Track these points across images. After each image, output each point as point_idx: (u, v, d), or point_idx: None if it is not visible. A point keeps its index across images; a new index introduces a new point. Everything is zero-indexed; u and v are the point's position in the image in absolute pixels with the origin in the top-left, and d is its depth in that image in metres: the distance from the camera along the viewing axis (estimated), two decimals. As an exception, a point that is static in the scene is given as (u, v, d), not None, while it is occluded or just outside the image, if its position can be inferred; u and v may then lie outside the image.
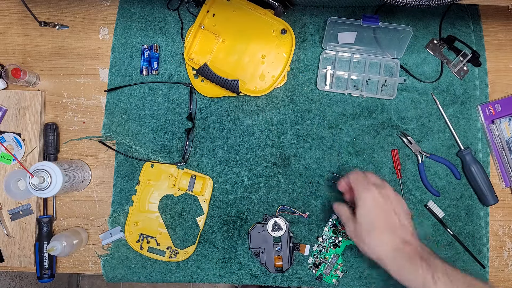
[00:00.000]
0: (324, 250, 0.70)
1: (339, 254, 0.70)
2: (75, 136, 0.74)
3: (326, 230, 0.70)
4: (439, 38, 0.74)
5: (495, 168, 0.72)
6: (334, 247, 0.70)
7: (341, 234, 0.70)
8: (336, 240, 0.70)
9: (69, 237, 0.67)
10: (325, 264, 0.69)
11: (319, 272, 0.69)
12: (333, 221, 0.70)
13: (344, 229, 0.66)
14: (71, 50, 0.75)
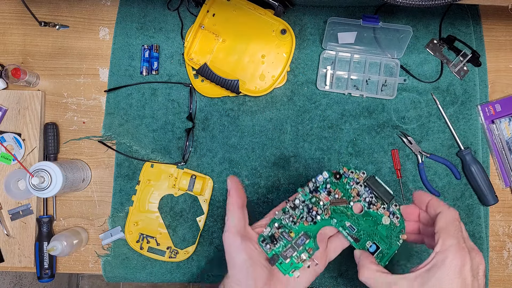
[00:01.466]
0: (291, 222, 0.47)
1: (312, 234, 0.47)
2: (75, 136, 0.74)
3: (303, 194, 0.48)
4: (439, 38, 0.74)
5: (495, 168, 0.72)
6: (307, 222, 0.47)
7: (322, 207, 0.48)
8: (314, 213, 0.47)
9: (69, 237, 0.67)
10: (287, 242, 0.47)
11: (274, 251, 0.46)
12: (318, 184, 0.48)
13: (337, 203, 0.48)
14: (71, 50, 0.75)
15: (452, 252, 0.39)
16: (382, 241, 0.47)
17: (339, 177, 0.49)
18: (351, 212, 0.48)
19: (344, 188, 0.49)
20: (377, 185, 0.48)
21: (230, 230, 0.45)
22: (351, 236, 0.48)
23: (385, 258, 0.47)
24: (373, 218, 0.48)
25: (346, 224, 0.48)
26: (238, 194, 0.46)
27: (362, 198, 0.48)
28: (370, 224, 0.48)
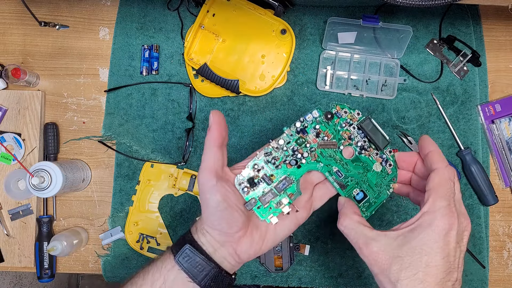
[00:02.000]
0: (272, 165, 0.43)
1: (295, 179, 0.44)
2: (75, 136, 0.74)
3: (288, 134, 0.44)
4: (439, 38, 0.74)
5: (495, 168, 0.72)
6: (291, 165, 0.43)
7: (309, 149, 0.44)
8: (299, 155, 0.44)
9: (69, 237, 0.67)
10: (267, 186, 0.43)
11: (252, 196, 0.43)
12: (307, 123, 0.44)
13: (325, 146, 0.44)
14: (71, 50, 0.75)
15: (440, 215, 0.37)
16: (371, 189, 0.44)
17: (330, 117, 0.44)
18: (340, 156, 0.44)
19: (334, 130, 0.44)
20: (372, 129, 0.44)
21: (205, 169, 0.41)
22: (337, 182, 0.44)
23: (372, 208, 0.44)
24: (364, 164, 0.44)
25: (334, 169, 0.44)
26: (219, 131, 0.42)
27: (354, 142, 0.44)
28: (359, 170, 0.44)
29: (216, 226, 0.41)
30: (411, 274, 0.36)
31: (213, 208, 0.40)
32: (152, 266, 0.43)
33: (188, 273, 0.41)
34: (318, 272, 0.71)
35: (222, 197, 0.40)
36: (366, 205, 0.44)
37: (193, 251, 0.41)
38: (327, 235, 0.71)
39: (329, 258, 0.71)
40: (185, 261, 0.41)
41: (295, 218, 0.45)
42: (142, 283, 0.42)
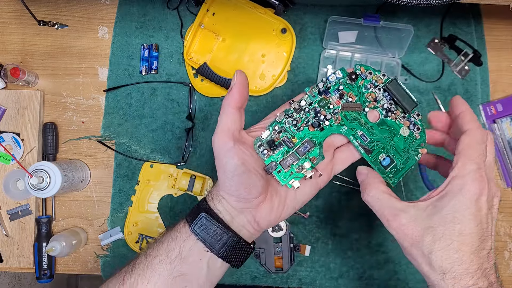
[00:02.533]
0: (294, 127, 0.41)
1: (317, 142, 0.41)
2: (74, 136, 0.73)
3: (310, 95, 0.42)
4: (440, 38, 0.73)
5: (497, 168, 0.72)
6: (313, 127, 0.41)
7: (332, 111, 0.41)
8: (321, 117, 0.41)
9: (68, 238, 0.67)
10: (288, 149, 0.41)
11: (273, 159, 0.40)
12: (330, 84, 0.42)
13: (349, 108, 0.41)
14: (70, 50, 0.74)
15: (470, 179, 0.35)
16: (398, 154, 0.41)
17: (354, 78, 0.41)
18: (365, 119, 0.41)
19: (359, 92, 0.42)
20: (399, 90, 0.41)
21: (222, 131, 0.38)
22: (362, 147, 0.42)
23: (399, 174, 0.41)
24: (390, 128, 0.42)
25: (358, 133, 0.41)
26: (242, 92, 0.39)
27: (380, 105, 0.41)
28: (385, 134, 0.41)
29: (234, 192, 0.39)
30: (445, 245, 0.34)
31: (231, 173, 0.38)
32: (166, 236, 0.41)
33: (205, 242, 0.39)
34: (319, 273, 0.70)
35: (240, 160, 0.38)
36: (393, 171, 0.41)
37: (209, 219, 0.39)
38: (327, 236, 0.71)
39: (329, 259, 0.70)
40: (201, 230, 0.39)
41: (315, 183, 0.42)
42: (157, 253, 0.40)
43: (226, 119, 0.38)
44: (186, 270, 0.39)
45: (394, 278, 0.70)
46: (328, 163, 0.42)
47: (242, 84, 0.39)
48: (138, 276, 0.40)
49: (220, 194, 0.40)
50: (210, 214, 0.40)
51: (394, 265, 0.69)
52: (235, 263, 0.41)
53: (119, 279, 0.42)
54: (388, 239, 0.70)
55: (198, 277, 0.40)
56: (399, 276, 0.70)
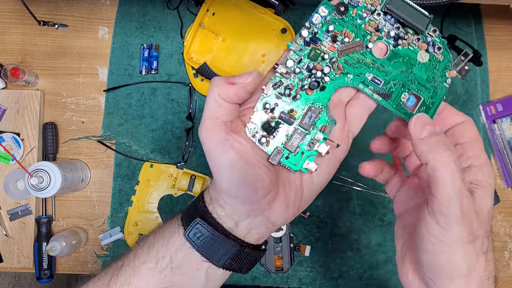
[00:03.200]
0: (287, 96, 0.32)
1: (322, 106, 0.33)
2: (74, 136, 0.73)
3: (296, 49, 0.32)
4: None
5: (497, 168, 0.72)
6: (311, 90, 0.32)
7: (329, 61, 0.32)
8: (318, 74, 0.32)
9: (68, 238, 0.67)
10: (289, 125, 0.32)
11: (275, 146, 0.32)
12: (316, 28, 0.33)
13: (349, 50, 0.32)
14: (70, 50, 0.74)
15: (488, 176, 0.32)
16: (423, 87, 0.33)
17: (344, 11, 0.32)
18: (372, 57, 0.33)
19: (354, 25, 0.33)
20: (404, 8, 0.32)
21: (208, 119, 0.30)
22: (378, 93, 0.33)
23: (432, 110, 0.33)
24: (404, 58, 0.33)
25: (368, 77, 0.33)
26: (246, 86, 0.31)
27: (384, 33, 0.33)
28: (401, 68, 0.33)
29: (236, 193, 0.31)
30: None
31: (227, 171, 0.30)
32: (158, 238, 0.35)
33: (201, 252, 0.33)
34: (319, 273, 0.70)
35: (237, 153, 0.30)
36: (423, 110, 0.33)
37: (205, 227, 0.32)
38: (327, 236, 0.71)
39: (329, 259, 0.70)
40: (197, 237, 0.33)
41: (334, 157, 0.34)
42: (146, 259, 0.35)
43: (213, 106, 0.30)
44: (178, 280, 0.34)
45: (394, 278, 0.70)
46: (342, 127, 0.34)
47: (252, 84, 0.31)
48: (124, 283, 0.35)
49: (221, 198, 0.33)
50: (207, 220, 0.33)
51: (394, 265, 0.69)
52: (240, 270, 0.35)
53: (104, 282, 0.36)
54: (388, 239, 0.70)
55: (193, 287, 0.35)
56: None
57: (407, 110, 0.33)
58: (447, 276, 0.29)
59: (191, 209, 0.35)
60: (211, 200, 0.34)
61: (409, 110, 0.33)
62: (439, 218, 0.28)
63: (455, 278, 0.29)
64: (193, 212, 0.34)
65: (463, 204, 0.27)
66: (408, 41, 0.33)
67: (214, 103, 0.30)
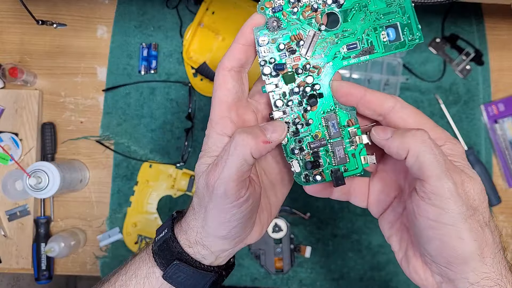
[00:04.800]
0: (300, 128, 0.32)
1: (332, 106, 0.32)
2: (72, 136, 0.73)
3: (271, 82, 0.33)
4: (442, 37, 0.73)
5: (499, 169, 0.72)
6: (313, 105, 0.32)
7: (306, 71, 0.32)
8: (307, 89, 0.32)
9: (66, 238, 0.67)
10: (325, 147, 0.32)
11: (327, 169, 0.32)
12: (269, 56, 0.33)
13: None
14: (68, 49, 0.74)
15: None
16: (390, 14, 0.31)
17: (277, 21, 0.32)
18: (331, 33, 0.31)
19: (295, 24, 0.31)
20: None
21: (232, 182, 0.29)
22: (361, 54, 0.31)
23: (414, 24, 0.31)
24: (355, 6, 0.31)
25: (342, 50, 0.31)
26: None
27: (323, 5, 0.31)
28: (360, 17, 0.31)
29: (230, 236, 0.32)
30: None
31: (234, 223, 0.31)
32: (131, 279, 0.34)
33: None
34: (319, 274, 0.70)
35: (252, 204, 0.31)
36: (406, 31, 0.31)
37: (185, 267, 0.33)
38: (328, 237, 0.70)
39: (330, 260, 0.70)
40: (176, 277, 0.33)
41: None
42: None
43: (243, 166, 0.29)
44: None
45: (395, 279, 0.69)
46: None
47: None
48: None
49: (208, 241, 0.33)
50: (186, 261, 0.33)
51: (395, 266, 0.69)
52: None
53: None
54: (389, 240, 0.70)
55: None
56: (400, 278, 0.69)
57: (396, 43, 0.31)
58: (461, 258, 0.28)
59: (163, 249, 0.34)
60: (192, 243, 0.33)
61: (398, 42, 0.31)
62: (434, 200, 0.27)
63: (470, 260, 0.28)
64: (168, 253, 0.34)
65: (453, 178, 0.27)
66: None
67: (244, 164, 0.29)
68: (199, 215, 0.32)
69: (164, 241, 0.34)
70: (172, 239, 0.34)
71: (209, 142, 0.32)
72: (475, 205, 0.28)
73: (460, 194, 0.27)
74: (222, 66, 0.32)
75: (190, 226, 0.33)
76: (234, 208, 0.30)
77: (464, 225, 0.27)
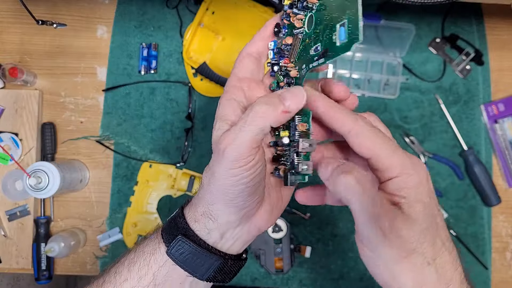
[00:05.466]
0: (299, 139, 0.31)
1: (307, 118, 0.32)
2: (72, 136, 0.73)
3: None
4: (442, 37, 0.73)
5: (498, 169, 0.72)
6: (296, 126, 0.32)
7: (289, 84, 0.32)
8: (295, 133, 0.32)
9: (66, 238, 0.67)
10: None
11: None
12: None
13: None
14: (68, 49, 0.74)
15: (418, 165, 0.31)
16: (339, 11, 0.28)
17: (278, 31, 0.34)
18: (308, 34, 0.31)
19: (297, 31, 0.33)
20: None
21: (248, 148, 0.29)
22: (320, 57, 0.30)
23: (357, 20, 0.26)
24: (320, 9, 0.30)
25: (311, 52, 0.31)
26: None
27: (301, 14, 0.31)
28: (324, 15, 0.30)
29: (238, 201, 0.32)
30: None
31: (243, 185, 0.30)
32: (139, 255, 0.35)
33: (185, 268, 0.33)
34: (319, 274, 0.70)
35: (259, 170, 0.31)
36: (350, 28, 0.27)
37: (188, 243, 0.33)
38: (328, 237, 0.70)
39: (330, 260, 0.70)
40: (179, 254, 0.33)
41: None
42: (128, 275, 0.34)
43: (259, 134, 0.29)
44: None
45: (395, 279, 0.69)
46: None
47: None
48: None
49: (216, 208, 0.33)
50: (189, 237, 0.33)
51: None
52: (223, 281, 0.35)
53: None
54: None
55: None
56: (400, 277, 0.69)
57: (345, 41, 0.27)
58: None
59: (171, 226, 0.35)
60: (201, 215, 0.34)
61: (347, 41, 0.27)
62: (367, 244, 0.29)
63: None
64: (174, 229, 0.34)
65: (381, 225, 0.28)
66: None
67: (260, 133, 0.29)
68: (207, 184, 0.33)
69: (173, 219, 0.35)
70: (180, 216, 0.35)
71: (220, 109, 0.33)
72: (411, 247, 0.28)
73: (390, 239, 0.28)
74: (242, 52, 0.34)
75: (199, 197, 0.34)
76: (243, 171, 0.30)
77: (397, 266, 0.28)
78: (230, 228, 0.34)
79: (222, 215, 0.33)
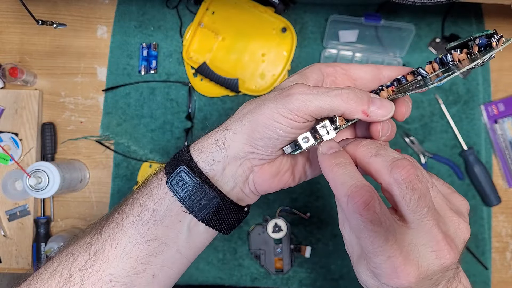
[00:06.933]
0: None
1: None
2: (72, 136, 0.73)
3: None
4: (442, 37, 0.73)
5: (498, 169, 0.72)
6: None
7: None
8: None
9: (66, 239, 0.67)
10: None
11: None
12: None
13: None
14: (68, 49, 0.74)
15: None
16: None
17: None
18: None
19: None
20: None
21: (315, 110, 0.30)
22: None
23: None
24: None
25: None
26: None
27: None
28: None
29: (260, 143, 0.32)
30: None
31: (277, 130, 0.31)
32: (142, 191, 0.35)
33: (182, 201, 0.33)
34: (319, 274, 0.70)
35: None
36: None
37: (189, 175, 0.32)
38: (328, 237, 0.70)
39: (330, 260, 0.70)
40: (179, 186, 0.32)
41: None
42: (130, 212, 0.34)
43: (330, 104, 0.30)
44: (161, 233, 0.33)
45: (395, 279, 0.69)
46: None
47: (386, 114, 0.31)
48: (107, 238, 0.34)
49: (225, 140, 0.33)
50: (192, 168, 0.33)
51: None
52: (220, 229, 0.34)
53: (86, 240, 0.35)
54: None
55: (176, 241, 0.34)
56: (400, 277, 0.69)
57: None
58: None
59: (175, 158, 0.35)
60: (211, 145, 0.34)
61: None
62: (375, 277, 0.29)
63: None
64: (177, 161, 0.34)
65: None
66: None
67: (328, 111, 0.30)
68: (243, 113, 0.33)
69: (177, 153, 0.35)
70: (185, 149, 0.35)
71: (307, 70, 0.35)
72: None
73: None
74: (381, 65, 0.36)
75: (219, 126, 0.34)
76: (286, 124, 0.30)
77: None
78: (234, 164, 0.33)
79: (234, 147, 0.33)
